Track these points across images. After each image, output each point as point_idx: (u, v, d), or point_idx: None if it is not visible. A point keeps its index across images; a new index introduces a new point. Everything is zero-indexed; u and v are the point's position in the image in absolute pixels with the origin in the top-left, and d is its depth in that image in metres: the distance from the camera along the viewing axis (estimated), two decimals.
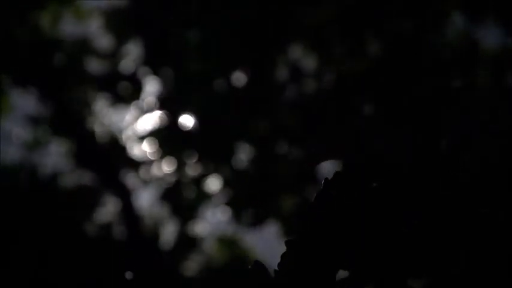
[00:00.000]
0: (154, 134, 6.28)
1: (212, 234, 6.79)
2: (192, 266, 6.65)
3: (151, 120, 6.31)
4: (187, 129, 6.15)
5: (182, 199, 6.48)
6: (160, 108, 6.23)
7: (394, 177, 1.07)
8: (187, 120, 6.15)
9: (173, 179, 6.42)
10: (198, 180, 6.37)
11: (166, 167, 6.39)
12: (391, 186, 1.06)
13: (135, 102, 6.32)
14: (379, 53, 5.98)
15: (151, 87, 6.25)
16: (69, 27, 6.49)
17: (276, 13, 5.91)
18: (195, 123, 6.14)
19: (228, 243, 6.81)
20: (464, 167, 1.07)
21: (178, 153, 6.26)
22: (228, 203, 6.33)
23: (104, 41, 6.44)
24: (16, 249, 6.04)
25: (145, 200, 6.66)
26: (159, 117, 6.25)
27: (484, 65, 6.02)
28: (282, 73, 6.14)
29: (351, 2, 5.85)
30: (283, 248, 1.06)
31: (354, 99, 5.83)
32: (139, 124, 6.39)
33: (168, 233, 6.64)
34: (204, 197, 6.42)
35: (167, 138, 6.23)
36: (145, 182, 6.53)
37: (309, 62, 6.18)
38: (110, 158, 6.50)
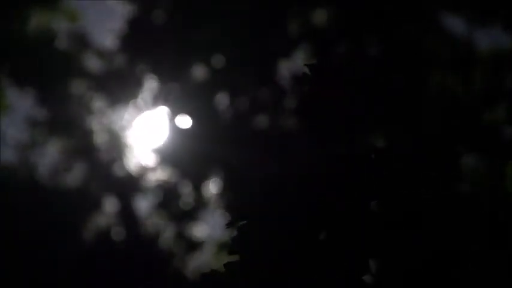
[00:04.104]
0: (154, 138, 6.28)
1: (211, 238, 6.78)
2: (191, 268, 6.65)
3: (151, 121, 6.31)
4: (186, 131, 6.14)
5: (181, 203, 6.47)
6: (159, 109, 6.22)
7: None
8: (185, 123, 6.14)
9: (173, 183, 6.41)
10: (198, 185, 6.36)
11: (166, 171, 6.38)
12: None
13: (133, 101, 6.32)
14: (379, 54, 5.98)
15: (150, 87, 6.24)
16: (67, 28, 6.50)
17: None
18: (193, 127, 6.12)
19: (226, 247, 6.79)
20: None
21: (178, 158, 6.25)
22: (227, 207, 6.31)
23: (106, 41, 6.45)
24: (15, 249, 6.04)
25: (145, 203, 6.66)
26: (159, 118, 6.24)
27: (481, 66, 6.01)
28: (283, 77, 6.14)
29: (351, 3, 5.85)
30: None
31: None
32: (138, 124, 6.39)
33: (167, 235, 6.63)
34: (203, 201, 6.41)
35: (166, 140, 6.23)
36: (145, 185, 6.53)
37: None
38: (109, 160, 6.50)
